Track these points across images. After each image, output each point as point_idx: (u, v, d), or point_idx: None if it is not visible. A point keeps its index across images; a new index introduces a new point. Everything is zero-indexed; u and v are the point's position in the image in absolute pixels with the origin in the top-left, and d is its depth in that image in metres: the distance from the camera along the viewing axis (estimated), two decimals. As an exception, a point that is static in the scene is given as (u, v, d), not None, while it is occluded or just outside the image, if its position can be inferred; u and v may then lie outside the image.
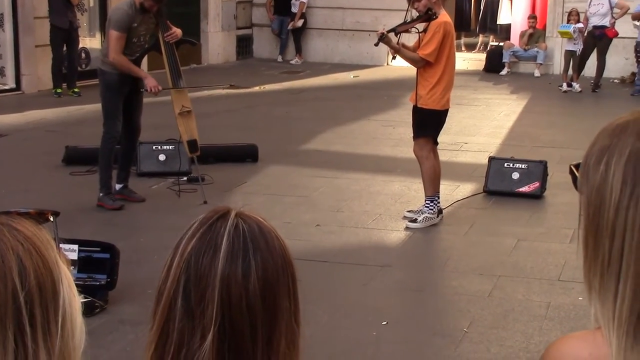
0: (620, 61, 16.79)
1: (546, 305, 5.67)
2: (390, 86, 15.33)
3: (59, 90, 13.62)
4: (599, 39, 15.21)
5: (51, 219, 1.20)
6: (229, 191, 8.39)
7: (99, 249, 5.55)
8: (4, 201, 7.55)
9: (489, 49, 18.87)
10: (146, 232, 7.04)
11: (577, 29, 15.18)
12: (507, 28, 18.82)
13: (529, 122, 12.39)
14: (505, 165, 8.41)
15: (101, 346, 4.87)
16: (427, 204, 7.39)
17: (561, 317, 5.48)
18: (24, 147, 10.21)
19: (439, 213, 7.46)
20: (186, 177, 8.56)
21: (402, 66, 10.84)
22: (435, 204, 7.40)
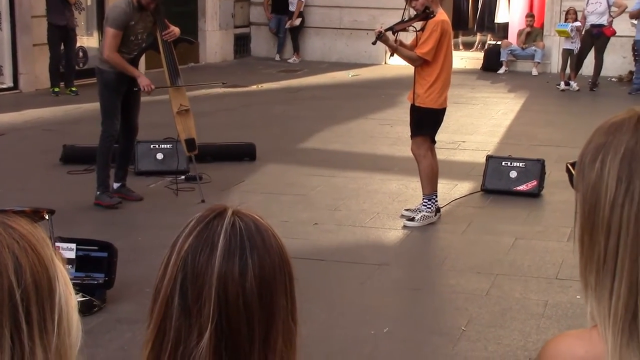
0: (618, 60, 16.79)
1: (544, 303, 5.68)
2: (387, 85, 15.33)
3: (56, 89, 13.61)
4: (597, 38, 15.21)
5: (46, 217, 1.20)
6: (226, 190, 8.39)
7: (97, 248, 5.56)
8: (2, 200, 7.55)
9: (486, 47, 18.86)
10: (144, 231, 7.04)
11: (575, 27, 15.18)
12: (505, 27, 18.82)
13: (527, 120, 12.39)
14: (503, 163, 8.42)
15: (99, 345, 4.87)
16: (424, 202, 7.39)
17: (559, 315, 5.49)
18: (22, 146, 10.21)
19: (437, 212, 7.46)
20: (184, 176, 8.55)
21: (399, 65, 10.83)
22: (433, 202, 7.40)
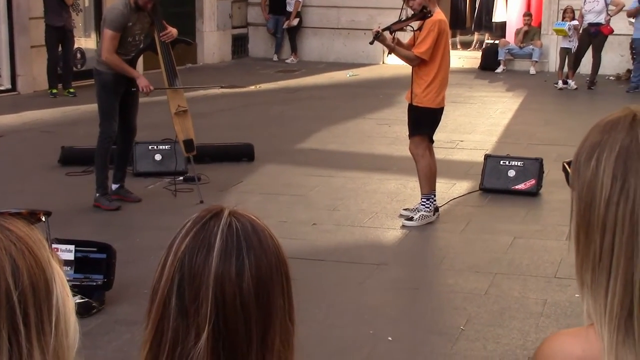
0: (616, 58, 16.81)
1: (542, 302, 5.68)
2: (385, 84, 15.33)
3: (54, 90, 13.61)
4: (595, 36, 15.22)
5: (43, 218, 1.20)
6: (225, 191, 8.39)
7: (96, 250, 5.55)
8: (0, 202, 7.55)
9: (484, 46, 18.86)
10: (142, 232, 7.04)
11: (572, 26, 15.19)
12: (503, 26, 18.82)
13: (525, 119, 12.40)
14: (501, 162, 8.42)
15: (98, 346, 4.87)
16: (423, 202, 7.40)
17: (557, 314, 5.49)
18: (20, 147, 10.21)
19: (435, 211, 7.47)
20: (182, 177, 8.54)
21: (397, 64, 10.82)
22: (432, 202, 7.41)
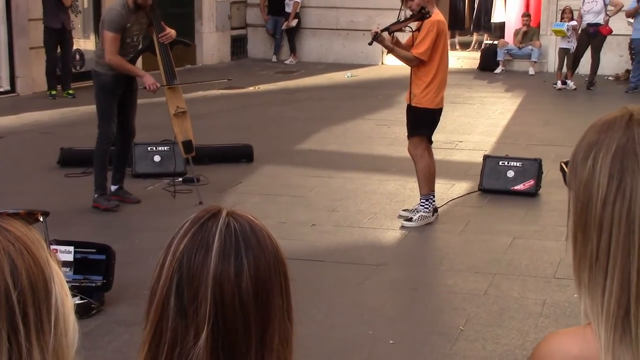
0: (615, 58, 16.82)
1: (542, 302, 5.68)
2: (384, 85, 15.34)
3: (53, 92, 13.61)
4: (593, 37, 15.23)
5: (41, 219, 1.20)
6: (224, 192, 8.39)
7: (95, 251, 5.56)
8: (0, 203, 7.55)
9: (483, 47, 18.87)
10: (142, 233, 7.04)
11: (571, 26, 15.20)
12: (501, 26, 18.84)
13: (524, 120, 12.40)
14: (500, 163, 8.43)
15: (97, 347, 4.88)
16: (422, 202, 7.40)
17: (557, 314, 5.50)
18: (19, 149, 10.21)
19: (434, 212, 7.47)
20: (181, 178, 8.54)
21: (396, 65, 10.84)
22: (431, 202, 7.41)
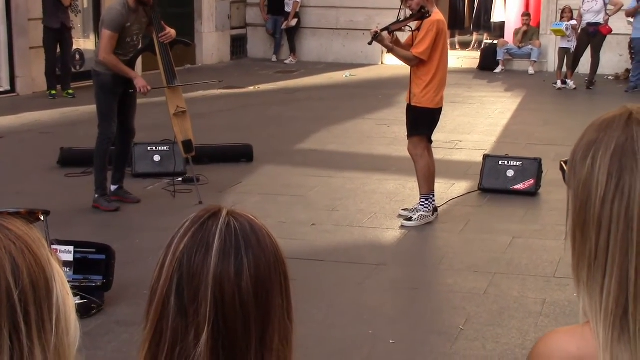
0: (615, 58, 16.82)
1: (542, 302, 5.68)
2: (384, 85, 15.34)
3: (53, 92, 13.61)
4: (593, 36, 15.23)
5: (42, 218, 1.20)
6: (224, 191, 8.39)
7: (95, 250, 5.55)
8: (0, 203, 7.55)
9: (483, 47, 18.88)
10: (141, 233, 7.04)
11: (570, 26, 15.20)
12: (501, 26, 18.85)
13: (524, 119, 12.41)
14: (500, 163, 8.43)
15: (97, 347, 4.88)
16: (422, 202, 7.40)
17: (557, 313, 5.50)
18: (19, 149, 10.21)
19: (434, 211, 7.47)
20: (181, 178, 8.55)
21: (396, 65, 10.84)
22: (430, 202, 7.41)
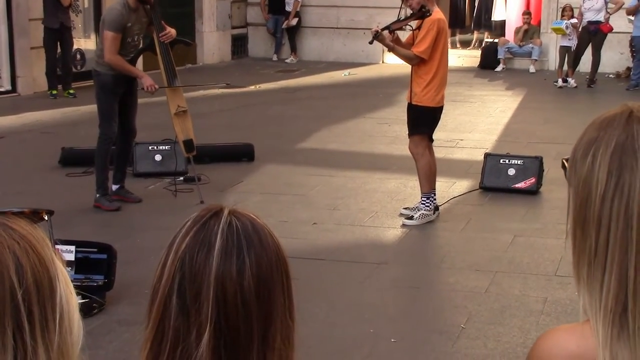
0: (615, 56, 16.81)
1: (543, 300, 5.69)
2: (385, 84, 15.34)
3: (54, 91, 13.61)
4: (594, 34, 15.22)
5: (46, 217, 1.21)
6: (225, 191, 8.39)
7: (96, 250, 5.56)
8: (1, 203, 7.55)
9: (483, 45, 18.86)
10: (143, 233, 7.05)
11: (571, 24, 15.19)
12: (502, 24, 18.83)
13: (525, 118, 12.41)
14: (501, 161, 8.43)
15: (99, 346, 4.88)
16: (423, 201, 7.40)
17: (558, 312, 5.50)
18: (20, 149, 10.22)
19: (435, 210, 7.47)
20: (182, 177, 8.55)
21: (396, 64, 10.84)
22: (432, 200, 7.41)
